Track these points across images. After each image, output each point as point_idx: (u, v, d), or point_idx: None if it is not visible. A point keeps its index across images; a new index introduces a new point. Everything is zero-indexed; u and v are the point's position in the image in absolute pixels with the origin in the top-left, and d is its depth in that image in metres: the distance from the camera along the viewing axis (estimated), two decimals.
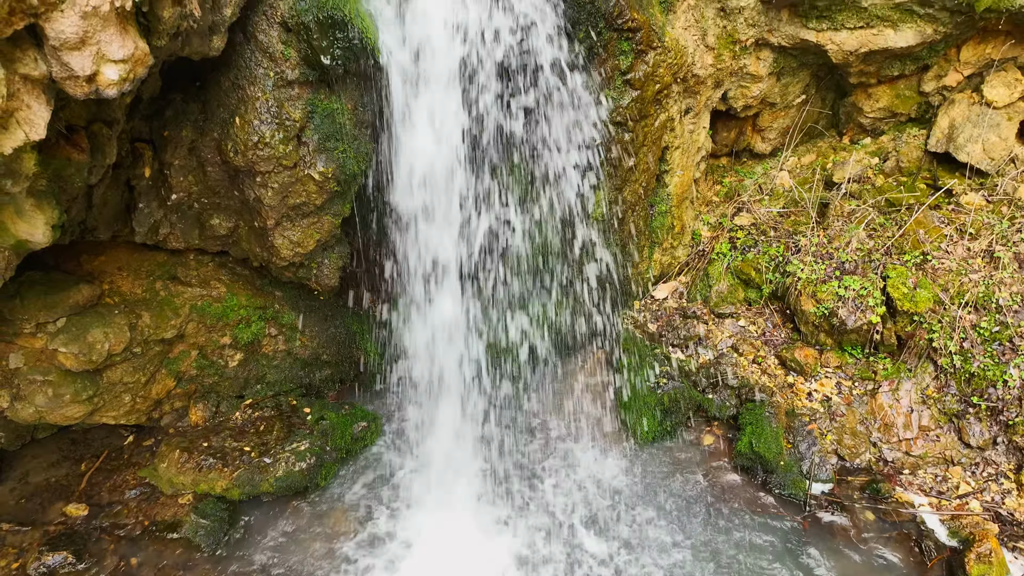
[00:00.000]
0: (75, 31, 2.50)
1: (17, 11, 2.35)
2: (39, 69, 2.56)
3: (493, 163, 4.60)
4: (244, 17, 3.72)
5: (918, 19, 4.96)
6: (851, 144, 6.13)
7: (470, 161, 4.49)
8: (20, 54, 2.51)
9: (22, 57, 2.51)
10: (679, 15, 5.04)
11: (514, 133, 4.54)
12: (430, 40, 4.06)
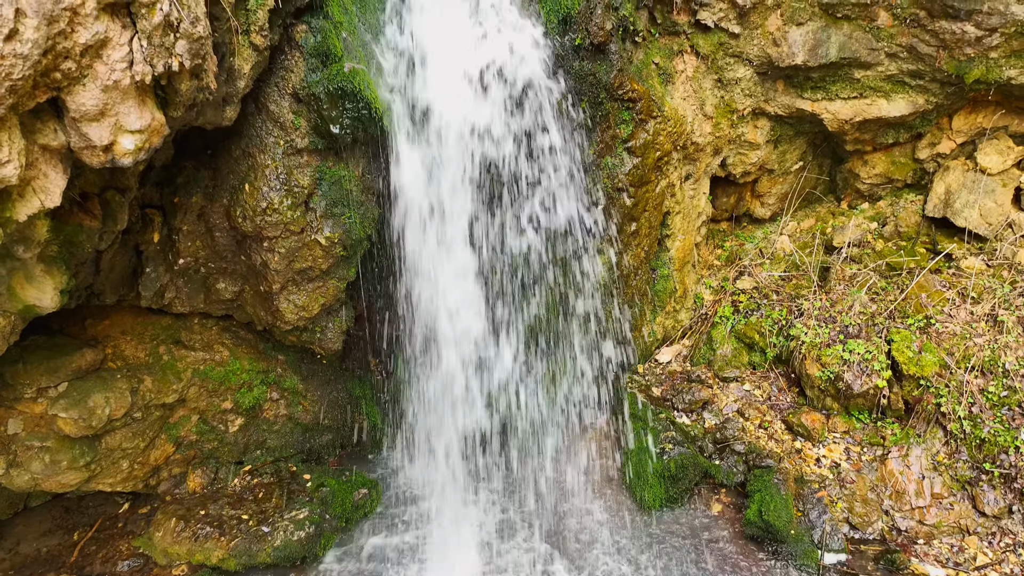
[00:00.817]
0: (95, 103, 2.57)
1: (41, 85, 2.42)
2: (58, 139, 2.63)
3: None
4: (257, 88, 3.84)
5: (910, 90, 5.11)
6: (849, 209, 6.22)
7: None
8: (41, 125, 2.57)
9: (42, 128, 2.58)
10: (678, 86, 5.20)
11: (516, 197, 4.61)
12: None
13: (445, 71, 4.18)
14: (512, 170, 4.46)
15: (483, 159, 4.35)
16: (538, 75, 4.31)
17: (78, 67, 2.47)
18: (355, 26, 4.07)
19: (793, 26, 4.87)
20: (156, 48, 2.65)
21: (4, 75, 2.23)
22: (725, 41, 5.06)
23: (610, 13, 4.51)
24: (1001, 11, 4.31)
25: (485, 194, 4.48)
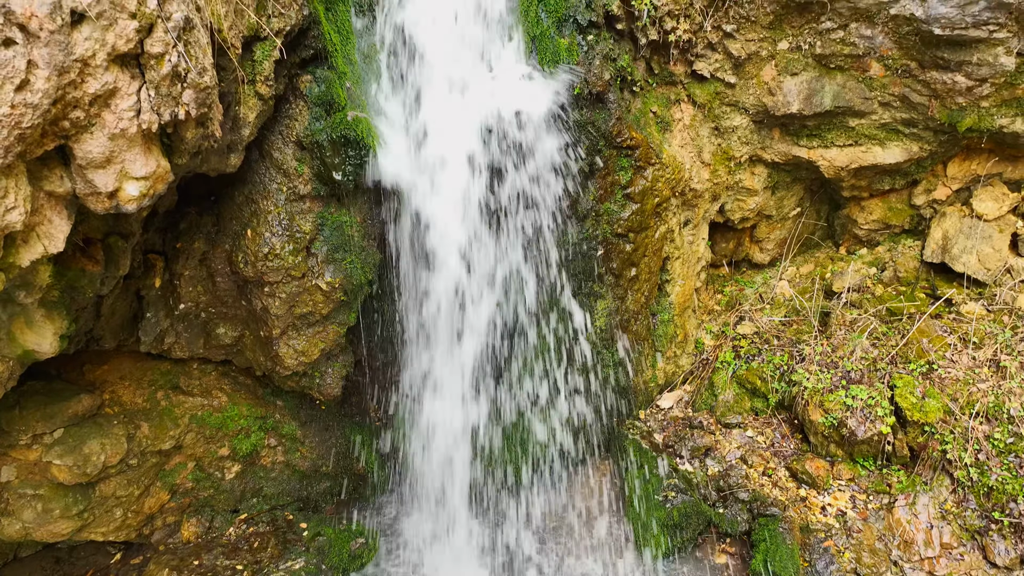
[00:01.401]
0: (102, 151, 2.61)
1: (49, 133, 2.46)
2: (64, 186, 2.66)
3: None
4: (261, 136, 3.90)
5: (904, 138, 5.19)
6: (848, 254, 6.25)
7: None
8: (47, 172, 2.61)
9: (49, 175, 2.61)
10: (675, 134, 5.28)
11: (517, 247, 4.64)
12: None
13: (445, 117, 4.26)
14: (508, 214, 4.50)
15: (481, 206, 4.40)
16: (538, 123, 4.39)
17: (86, 116, 2.51)
18: (358, 76, 4.16)
19: (788, 76, 4.97)
20: (163, 98, 2.70)
21: (13, 124, 2.27)
22: (721, 91, 5.17)
23: (608, 64, 4.62)
24: (990, 62, 4.41)
25: (481, 231, 4.51)
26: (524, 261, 4.67)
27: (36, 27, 2.22)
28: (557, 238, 4.73)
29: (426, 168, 4.23)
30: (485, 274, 4.55)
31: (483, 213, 4.42)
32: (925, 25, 4.31)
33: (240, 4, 3.28)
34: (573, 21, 4.47)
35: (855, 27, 4.60)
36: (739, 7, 4.64)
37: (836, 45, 4.73)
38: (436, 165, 4.24)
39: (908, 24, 4.40)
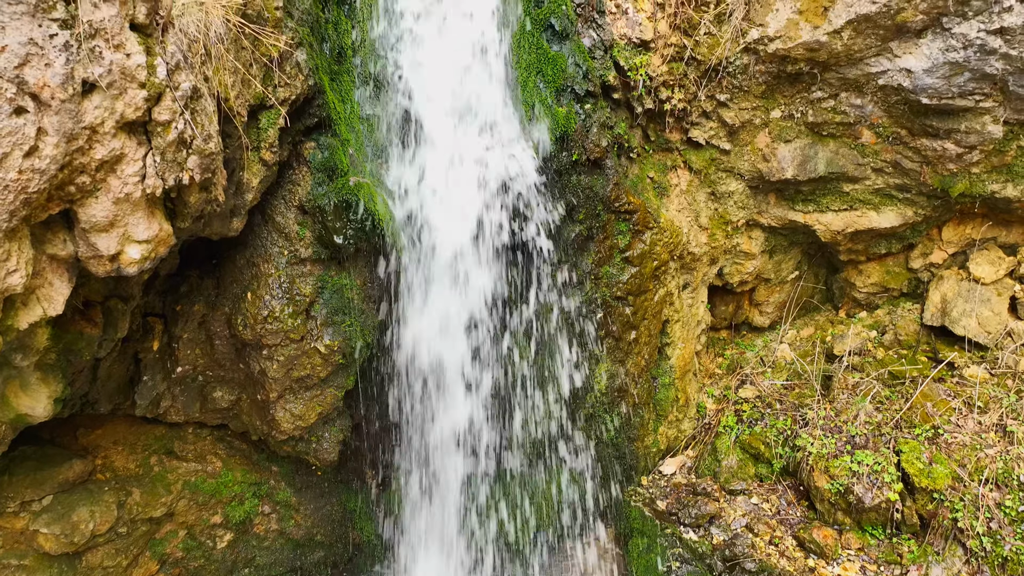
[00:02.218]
0: (106, 215, 2.65)
1: (55, 198, 2.50)
2: (66, 249, 2.68)
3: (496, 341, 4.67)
4: (264, 201, 3.96)
5: (898, 202, 5.27)
6: (848, 318, 6.25)
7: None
8: (51, 236, 2.64)
9: (52, 239, 2.64)
10: (672, 198, 5.36)
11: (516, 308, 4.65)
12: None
13: (444, 183, 4.33)
14: (508, 281, 4.52)
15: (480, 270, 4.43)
16: (536, 189, 4.46)
17: (92, 181, 2.56)
18: (361, 143, 4.25)
19: (781, 143, 5.08)
20: (168, 163, 2.76)
21: (20, 189, 2.31)
22: (717, 157, 5.27)
23: (605, 131, 4.73)
24: (978, 130, 4.52)
25: (480, 297, 4.52)
26: (523, 325, 4.67)
27: (48, 96, 2.28)
28: (557, 302, 4.74)
29: (426, 233, 4.28)
30: (485, 343, 4.55)
31: (483, 278, 4.45)
32: (913, 95, 4.43)
33: (247, 75, 3.39)
34: (571, 91, 4.60)
35: (845, 97, 4.73)
36: (732, 78, 4.78)
37: (827, 114, 4.85)
38: (435, 231, 4.29)
39: (896, 94, 4.53)
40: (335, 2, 4.18)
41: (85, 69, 2.35)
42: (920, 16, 4.10)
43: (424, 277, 4.33)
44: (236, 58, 3.26)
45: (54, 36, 2.25)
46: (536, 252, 4.55)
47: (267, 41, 3.46)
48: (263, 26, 3.46)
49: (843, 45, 4.36)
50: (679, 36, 4.73)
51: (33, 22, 2.19)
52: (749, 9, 4.49)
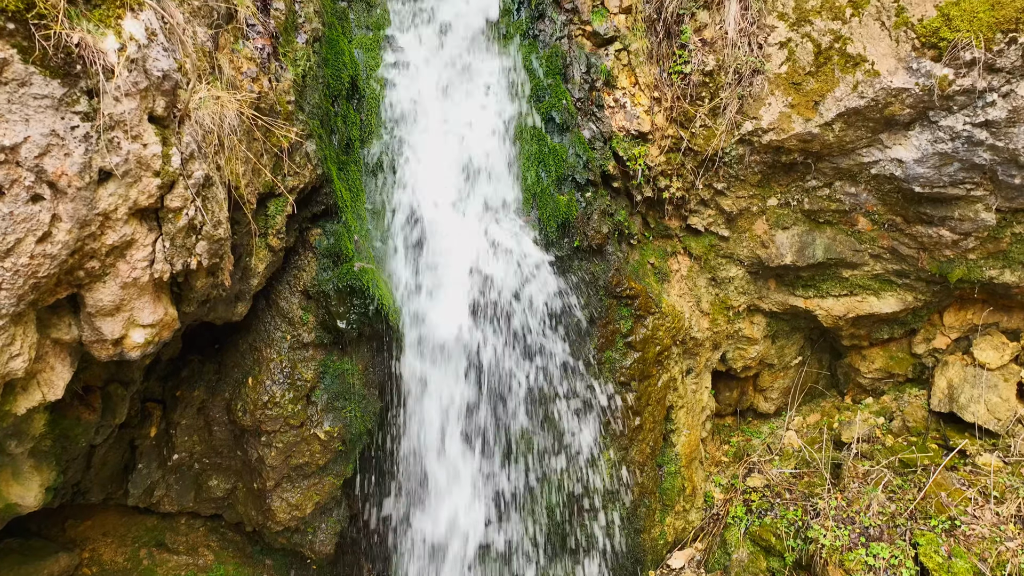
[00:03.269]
0: (112, 299, 2.66)
1: (64, 282, 2.52)
2: (70, 333, 2.68)
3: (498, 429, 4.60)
4: (269, 286, 4.00)
5: (898, 288, 5.31)
6: (854, 404, 6.17)
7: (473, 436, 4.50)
8: (56, 320, 2.64)
9: (57, 323, 2.65)
10: (673, 284, 5.41)
11: (520, 395, 4.60)
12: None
13: (445, 269, 4.38)
14: (507, 370, 4.50)
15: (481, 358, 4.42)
16: (539, 275, 4.51)
17: (102, 266, 2.59)
18: (366, 229, 4.33)
19: (779, 230, 5.17)
20: (177, 248, 2.80)
21: (31, 274, 2.33)
22: (716, 243, 5.35)
23: (606, 218, 4.82)
24: (972, 217, 4.61)
25: (481, 390, 4.48)
26: (527, 415, 4.61)
27: (65, 184, 2.34)
28: (559, 387, 4.69)
29: (427, 321, 4.29)
30: (490, 437, 4.49)
31: (484, 366, 4.42)
32: (905, 184, 4.55)
33: (258, 164, 3.49)
34: (571, 180, 4.72)
35: (839, 185, 4.85)
36: (728, 167, 4.92)
37: (823, 201, 4.96)
38: (435, 319, 4.31)
39: (889, 183, 4.65)
40: (344, 96, 4.36)
41: (103, 158, 2.42)
42: (907, 110, 4.26)
43: (424, 361, 4.31)
44: (248, 148, 3.36)
45: (75, 128, 2.33)
46: (538, 336, 4.55)
47: (279, 133, 3.58)
48: (275, 118, 3.59)
49: (835, 136, 4.51)
50: (676, 128, 4.90)
51: (56, 115, 2.28)
52: (743, 103, 4.67)
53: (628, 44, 4.91)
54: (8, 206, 2.24)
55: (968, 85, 4.02)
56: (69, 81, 2.29)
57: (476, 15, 4.82)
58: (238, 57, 3.45)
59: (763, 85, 4.59)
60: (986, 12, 3.88)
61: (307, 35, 4.10)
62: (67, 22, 2.23)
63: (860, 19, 4.25)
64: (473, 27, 4.82)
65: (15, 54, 2.16)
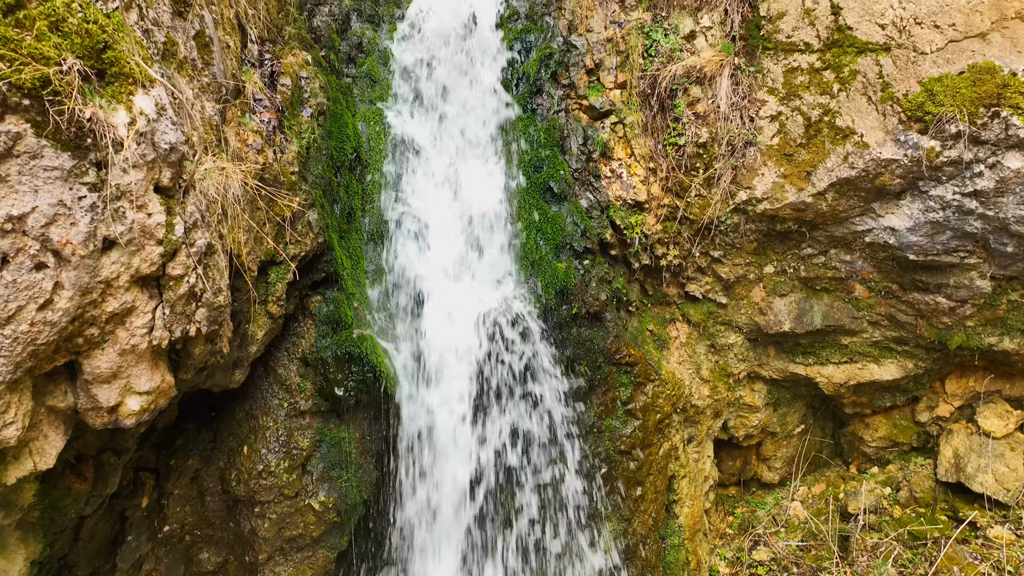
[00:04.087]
0: (110, 366, 2.67)
1: (62, 349, 2.53)
2: (66, 401, 2.67)
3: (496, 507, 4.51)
4: (267, 352, 4.00)
5: (897, 355, 5.30)
6: (859, 473, 6.06)
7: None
8: (52, 387, 2.64)
9: (53, 390, 2.64)
10: (673, 351, 5.40)
11: (514, 467, 4.53)
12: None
13: (444, 340, 4.39)
14: (511, 439, 4.45)
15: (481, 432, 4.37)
16: (536, 342, 4.51)
17: (101, 333, 2.60)
18: (365, 296, 4.36)
19: (776, 297, 5.20)
20: (177, 316, 2.82)
21: (30, 341, 2.34)
22: (714, 310, 5.38)
23: (604, 286, 4.86)
24: (967, 285, 4.64)
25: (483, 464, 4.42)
26: (527, 486, 4.52)
27: (69, 252, 2.38)
28: (559, 456, 4.62)
29: (428, 390, 4.27)
30: (488, 512, 4.40)
31: (484, 440, 4.38)
32: (899, 251, 4.60)
33: (260, 232, 3.55)
34: (570, 248, 4.79)
35: (835, 253, 4.91)
36: (724, 235, 4.99)
37: (819, 269, 5.01)
38: (436, 390, 4.29)
39: (883, 250, 4.70)
40: (347, 167, 4.47)
41: (108, 227, 2.47)
42: (898, 180, 4.35)
43: (422, 430, 4.26)
44: (251, 217, 3.43)
45: (82, 198, 2.38)
46: (536, 404, 4.51)
47: (282, 202, 3.66)
48: (279, 188, 3.68)
49: (828, 206, 4.59)
50: (671, 198, 5.00)
51: (65, 185, 2.34)
52: (736, 173, 4.78)
53: (623, 117, 5.07)
54: (12, 274, 2.27)
55: (955, 156, 4.12)
56: (79, 154, 2.36)
57: (477, 91, 4.99)
58: (244, 130, 3.56)
59: (756, 156, 4.71)
60: (968, 88, 4.01)
61: (312, 109, 4.24)
62: (80, 98, 2.32)
63: (847, 94, 4.39)
64: (474, 102, 4.98)
65: (28, 128, 2.23)
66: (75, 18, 2.34)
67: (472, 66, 4.99)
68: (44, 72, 2.22)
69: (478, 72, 5.00)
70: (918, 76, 4.17)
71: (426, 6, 5.11)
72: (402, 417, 4.19)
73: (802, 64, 4.56)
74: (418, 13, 5.09)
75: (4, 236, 2.25)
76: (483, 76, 5.00)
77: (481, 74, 5.00)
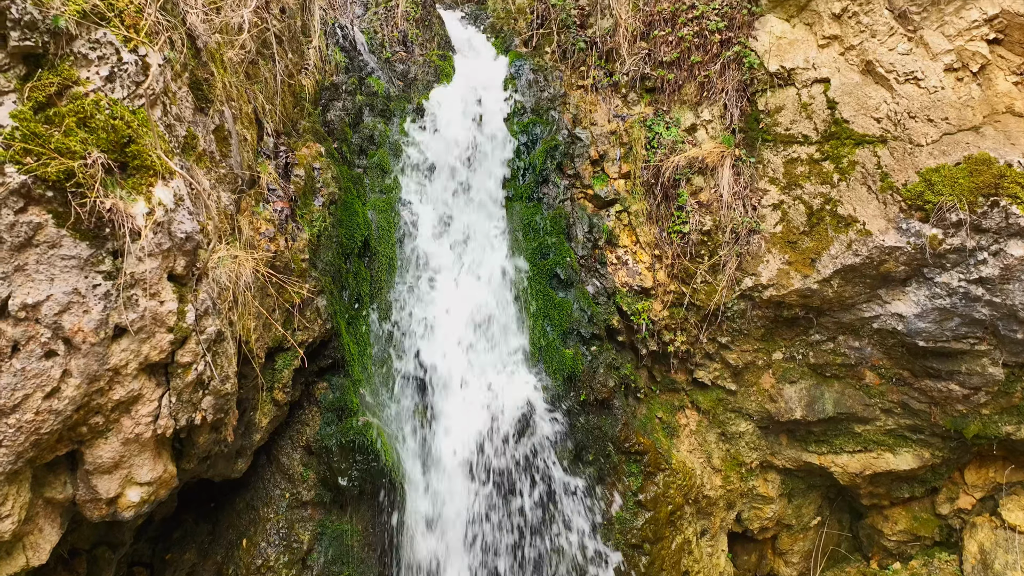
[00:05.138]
0: (112, 456, 2.62)
1: (65, 439, 2.49)
2: (64, 492, 2.61)
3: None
4: (271, 440, 3.93)
5: (913, 443, 5.18)
6: (881, 569, 5.80)
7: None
8: (52, 478, 2.58)
9: (53, 481, 2.58)
10: (683, 439, 5.29)
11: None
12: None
13: (452, 424, 4.32)
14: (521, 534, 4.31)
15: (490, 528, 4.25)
16: (544, 430, 4.43)
17: (105, 421, 2.57)
18: (373, 382, 4.33)
19: (786, 384, 5.14)
20: (184, 404, 2.79)
21: (33, 430, 2.31)
22: (723, 397, 5.30)
23: (612, 372, 4.82)
24: (979, 372, 4.59)
25: None
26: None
27: (80, 340, 2.39)
28: (568, 550, 4.46)
29: (434, 478, 4.17)
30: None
31: (493, 534, 4.24)
32: (908, 338, 4.58)
33: (269, 319, 3.56)
34: (576, 334, 4.78)
35: (843, 339, 4.89)
36: (731, 322, 4.99)
37: (828, 356, 4.97)
38: (442, 478, 4.19)
39: (892, 337, 4.68)
40: (356, 254, 4.53)
41: (120, 315, 2.49)
42: (902, 267, 4.39)
43: (428, 520, 4.13)
44: (261, 304, 3.45)
45: (97, 286, 2.41)
46: (545, 496, 4.39)
47: (292, 289, 3.69)
48: (289, 275, 3.72)
49: (834, 292, 4.61)
50: (677, 284, 5.03)
51: (80, 274, 2.37)
52: (741, 260, 4.83)
53: (628, 206, 5.17)
54: (21, 362, 2.27)
55: (958, 244, 4.16)
56: (97, 243, 2.40)
57: (483, 182, 5.12)
58: (258, 219, 3.63)
59: (760, 243, 4.77)
60: (965, 178, 4.10)
61: (324, 198, 4.34)
62: (102, 190, 2.38)
63: (847, 183, 4.49)
64: (480, 192, 5.10)
65: (50, 219, 2.28)
66: (102, 115, 2.44)
67: (479, 157, 5.14)
68: (69, 165, 2.29)
69: (485, 163, 5.14)
70: (916, 166, 4.28)
71: (437, 102, 5.32)
72: (407, 508, 4.07)
73: (801, 155, 4.68)
74: (429, 108, 5.29)
75: (17, 324, 2.26)
76: (490, 168, 5.14)
77: (488, 166, 5.14)
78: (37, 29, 2.27)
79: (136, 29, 2.61)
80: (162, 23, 2.77)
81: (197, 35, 3.12)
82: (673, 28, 5.21)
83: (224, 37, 3.63)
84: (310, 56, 4.94)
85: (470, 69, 5.74)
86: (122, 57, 2.53)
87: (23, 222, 2.23)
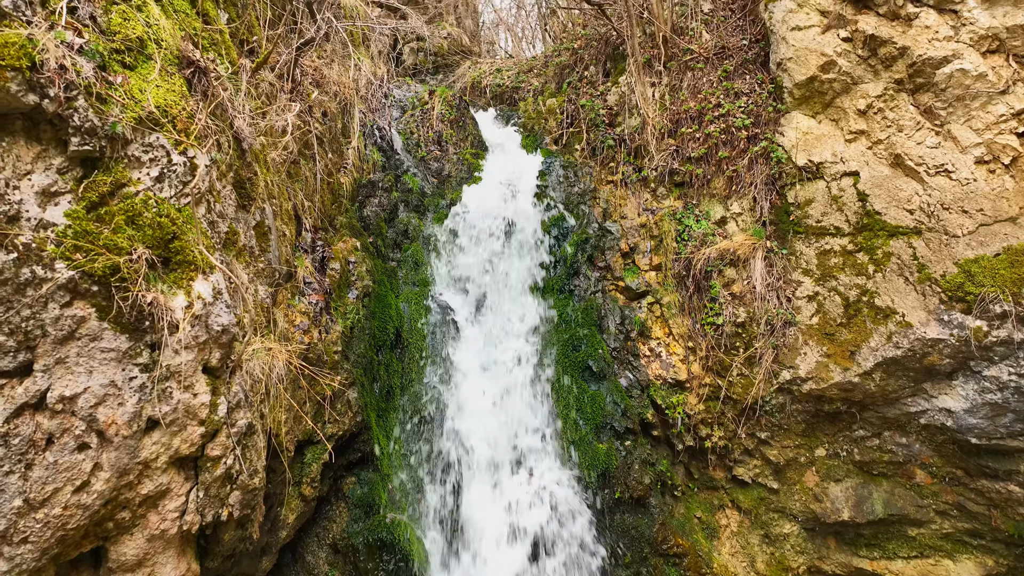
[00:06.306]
0: (136, 553, 2.57)
1: (91, 534, 2.46)
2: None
3: None
4: (297, 538, 3.83)
5: (974, 550, 4.84)
6: None
7: None
8: (74, 575, 2.53)
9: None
10: (724, 541, 5.03)
11: None
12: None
13: (482, 519, 4.18)
14: None
15: None
16: (580, 531, 4.26)
17: (132, 516, 2.54)
18: (401, 478, 4.23)
19: (831, 482, 4.90)
20: (211, 499, 2.75)
21: (60, 525, 2.29)
22: (765, 496, 5.07)
23: (647, 468, 4.66)
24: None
25: None
26: None
27: (113, 433, 2.39)
28: None
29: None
30: None
31: None
32: (959, 435, 4.37)
33: (300, 412, 3.55)
34: (610, 428, 4.67)
35: (889, 435, 4.68)
36: (770, 416, 4.83)
37: (874, 452, 4.75)
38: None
39: (941, 433, 4.47)
40: (388, 346, 4.55)
41: (153, 407, 2.50)
42: (947, 360, 4.24)
43: None
44: (292, 396, 3.45)
45: (133, 378, 2.44)
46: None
47: (323, 381, 3.69)
48: (321, 367, 3.73)
49: (876, 386, 4.45)
50: (713, 377, 4.92)
51: (118, 367, 2.40)
52: (778, 352, 4.72)
53: (660, 298, 5.15)
54: (54, 455, 2.27)
55: (1005, 336, 4.03)
56: (136, 336, 2.45)
57: (516, 275, 5.17)
58: (293, 311, 3.69)
59: (796, 335, 4.68)
60: (1007, 269, 4.02)
61: (358, 291, 4.41)
62: (144, 284, 2.45)
63: (883, 275, 4.43)
64: (513, 284, 5.15)
65: (93, 312, 2.34)
66: (150, 212, 2.54)
67: (511, 248, 5.21)
68: (115, 261, 2.37)
69: (518, 252, 5.21)
70: (953, 257, 4.21)
71: (470, 196, 5.46)
72: None
73: (834, 247, 4.66)
74: (462, 201, 5.43)
75: (53, 416, 2.28)
76: (523, 260, 5.20)
77: (520, 259, 5.20)
78: (96, 135, 2.41)
79: (187, 133, 2.76)
80: (211, 127, 2.93)
81: (243, 137, 3.28)
82: (700, 125, 5.34)
83: (268, 139, 3.82)
84: (349, 156, 5.15)
85: (502, 165, 5.92)
86: (172, 159, 2.67)
87: (68, 316, 2.29)
